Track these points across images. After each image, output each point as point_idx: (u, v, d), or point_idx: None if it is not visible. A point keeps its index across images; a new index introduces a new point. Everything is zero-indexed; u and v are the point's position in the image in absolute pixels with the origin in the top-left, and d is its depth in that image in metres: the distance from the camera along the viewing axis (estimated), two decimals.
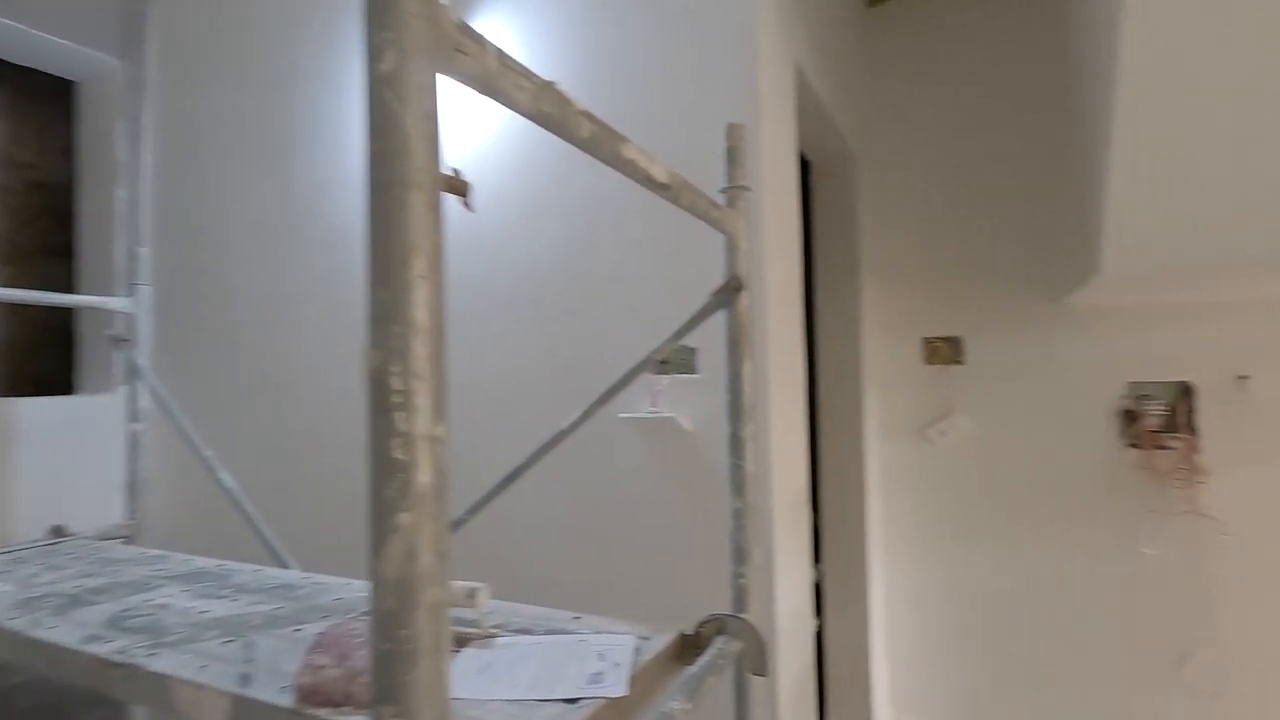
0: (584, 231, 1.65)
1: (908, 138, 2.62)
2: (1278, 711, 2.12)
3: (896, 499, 2.62)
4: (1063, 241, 2.32)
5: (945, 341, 2.57)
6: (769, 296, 1.46)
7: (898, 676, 2.61)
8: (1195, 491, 2.18)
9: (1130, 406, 2.29)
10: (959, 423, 2.52)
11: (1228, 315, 2.18)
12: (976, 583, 2.50)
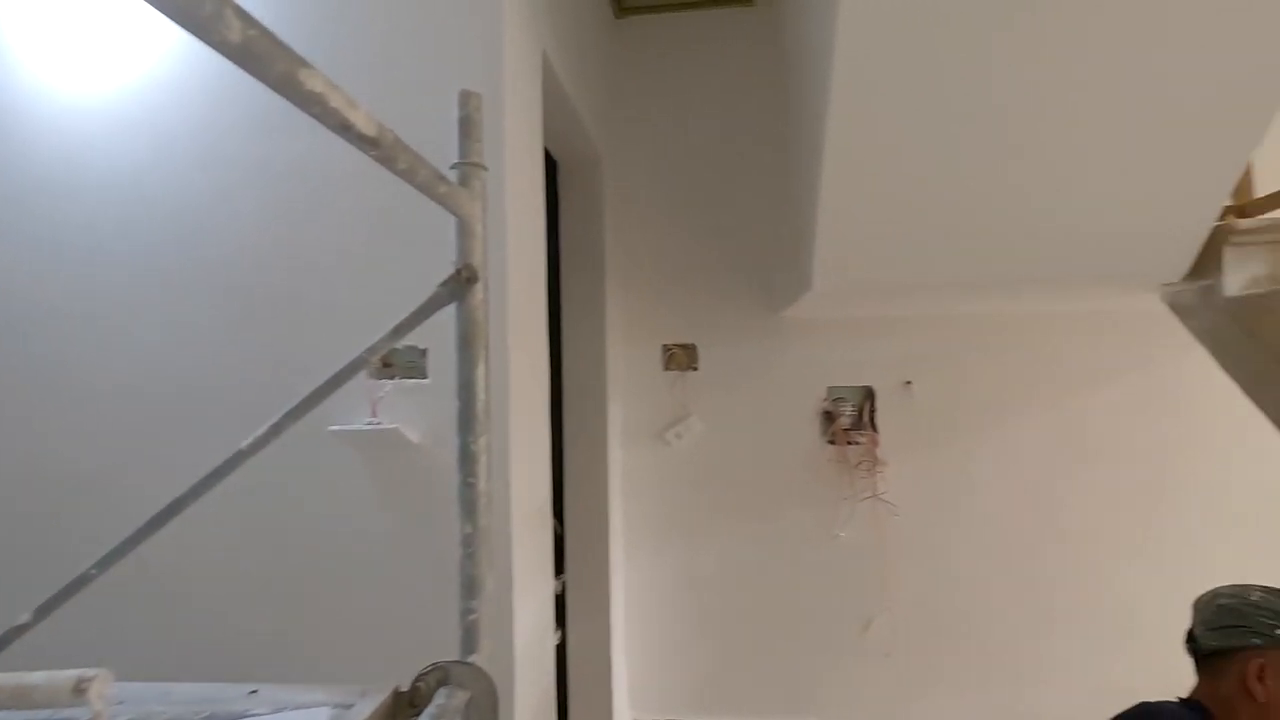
0: (290, 204, 1.37)
1: (651, 148, 2.71)
2: (937, 662, 2.56)
3: (637, 501, 2.68)
4: (782, 260, 2.56)
5: (682, 348, 2.69)
6: (511, 292, 1.34)
7: (635, 675, 2.66)
8: (875, 479, 2.55)
9: (829, 408, 2.61)
10: (693, 425, 2.66)
11: (898, 329, 2.60)
12: (703, 574, 2.65)
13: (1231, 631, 1.18)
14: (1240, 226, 1.68)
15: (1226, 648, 1.18)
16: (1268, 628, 1.15)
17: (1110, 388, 2.52)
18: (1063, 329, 2.53)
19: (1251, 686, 1.14)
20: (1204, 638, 1.21)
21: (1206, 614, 1.23)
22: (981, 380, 2.57)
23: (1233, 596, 1.22)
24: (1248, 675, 1.15)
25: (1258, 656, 1.15)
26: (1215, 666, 1.20)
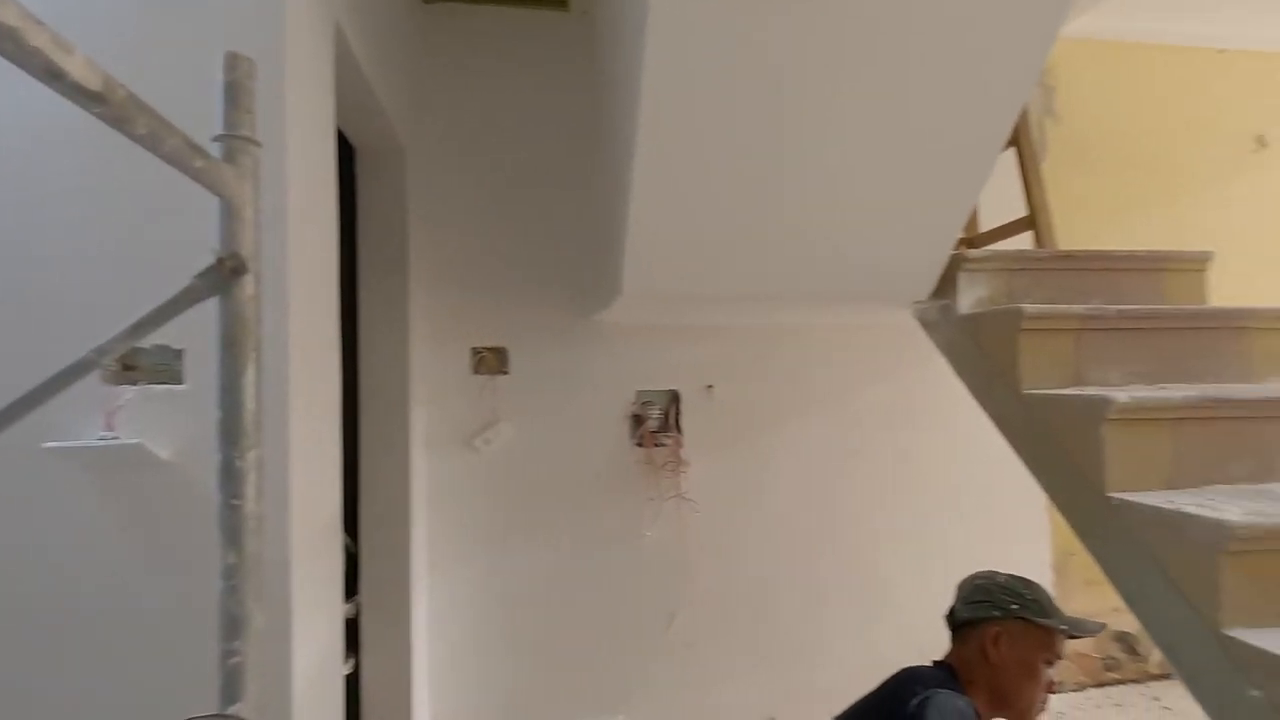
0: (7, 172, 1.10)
1: (461, 143, 2.60)
2: (733, 650, 2.74)
3: (442, 512, 2.55)
4: (594, 264, 2.59)
5: (492, 351, 2.61)
6: (293, 285, 1.19)
7: (439, 697, 2.52)
8: (679, 479, 2.67)
9: (638, 411, 2.69)
10: (503, 430, 2.59)
11: (702, 336, 2.75)
12: (512, 583, 2.59)
13: (979, 605, 1.42)
14: (970, 256, 2.00)
15: (975, 619, 1.42)
16: (1006, 604, 1.40)
17: (873, 391, 2.88)
18: (837, 339, 2.84)
19: (988, 650, 1.38)
20: (959, 610, 1.46)
21: (964, 592, 1.48)
22: (772, 385, 2.80)
23: (985, 579, 1.47)
24: (986, 641, 1.39)
25: (996, 626, 1.39)
26: (964, 634, 1.44)
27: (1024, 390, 1.68)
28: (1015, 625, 1.40)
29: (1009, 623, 1.40)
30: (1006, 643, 1.39)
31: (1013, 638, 1.39)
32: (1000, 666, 1.39)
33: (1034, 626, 1.40)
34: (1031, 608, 1.40)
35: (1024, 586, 1.44)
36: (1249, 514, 1.23)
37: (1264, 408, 1.52)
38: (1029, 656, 1.39)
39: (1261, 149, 3.38)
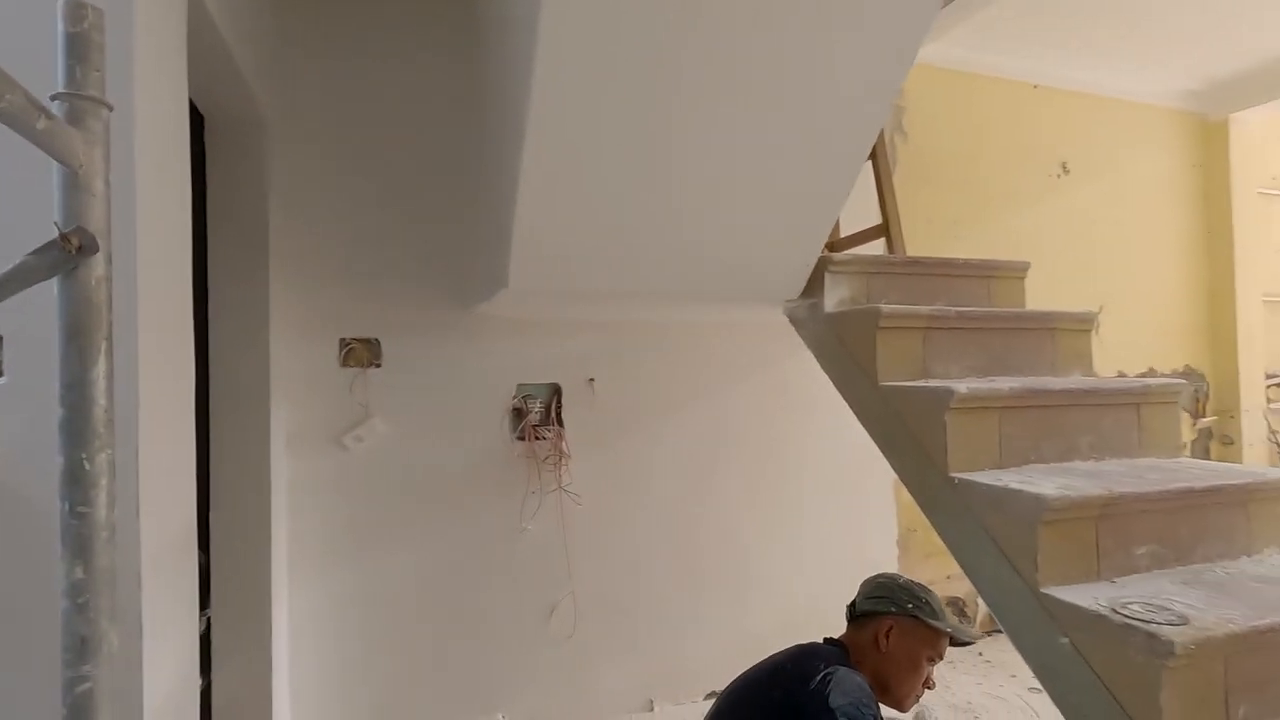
0: None
1: (330, 119, 2.43)
2: (612, 638, 2.78)
3: (307, 514, 2.38)
4: (475, 255, 2.52)
5: (363, 343, 2.47)
6: (143, 268, 1.07)
7: (305, 711, 2.36)
8: (561, 472, 2.68)
9: (519, 405, 2.65)
10: (375, 427, 2.46)
11: (584, 330, 2.76)
12: (384, 586, 2.48)
13: (879, 600, 1.60)
14: (835, 259, 2.17)
15: (873, 611, 1.59)
16: (903, 602, 1.57)
17: (746, 384, 3.04)
18: (714, 334, 2.97)
19: (880, 639, 1.56)
20: (860, 603, 1.63)
21: (867, 588, 1.66)
22: (652, 378, 2.87)
23: (888, 579, 1.66)
24: (880, 632, 1.56)
25: (890, 620, 1.56)
26: (861, 624, 1.61)
27: (881, 382, 1.85)
28: (908, 622, 1.57)
29: (903, 619, 1.57)
30: (897, 636, 1.56)
31: (903, 632, 1.56)
32: (888, 656, 1.55)
33: (924, 626, 1.57)
34: (925, 609, 1.59)
35: (920, 590, 1.62)
36: (1061, 488, 1.43)
37: (1068, 397, 1.78)
38: (915, 651, 1.57)
39: (1065, 175, 3.92)
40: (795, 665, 1.49)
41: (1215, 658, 1.21)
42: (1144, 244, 4.17)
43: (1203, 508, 1.55)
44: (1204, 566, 1.52)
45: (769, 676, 1.53)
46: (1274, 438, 4.44)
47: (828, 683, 1.39)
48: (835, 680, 1.40)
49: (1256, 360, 4.40)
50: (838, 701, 1.36)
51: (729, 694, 1.58)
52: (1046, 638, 1.36)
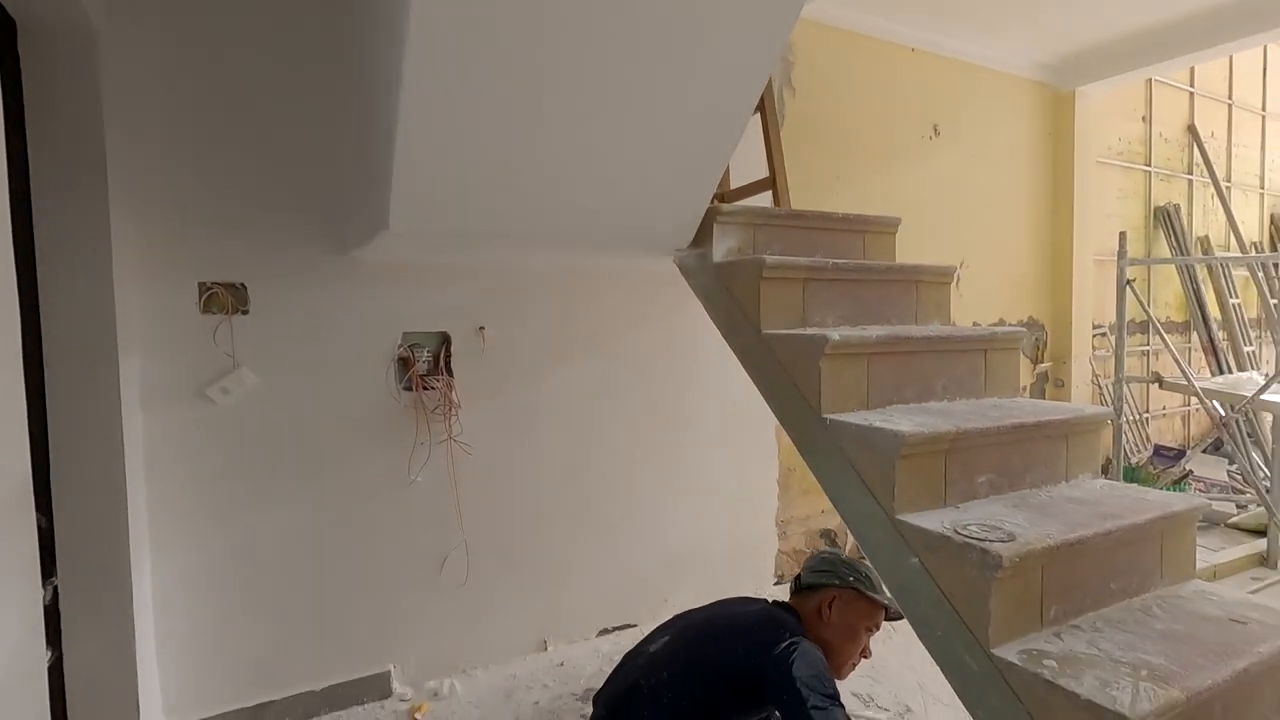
0: None
1: (183, 31, 2.16)
2: (504, 584, 2.81)
3: (172, 473, 2.21)
4: (351, 197, 2.36)
5: (226, 288, 2.28)
6: None
7: (177, 676, 2.24)
8: (450, 422, 2.63)
9: (405, 354, 2.56)
10: (244, 377, 2.30)
11: (472, 276, 2.68)
12: (263, 545, 2.37)
13: (823, 574, 1.76)
14: (723, 210, 2.22)
15: (817, 584, 1.74)
16: (845, 576, 1.74)
17: (636, 332, 3.08)
18: (605, 283, 2.97)
19: (824, 610, 1.71)
20: (806, 576, 1.79)
21: (812, 562, 1.82)
22: (544, 326, 2.85)
23: (831, 554, 1.83)
24: (824, 603, 1.72)
25: (834, 592, 1.72)
26: (806, 595, 1.75)
27: (764, 330, 1.94)
28: (849, 594, 1.72)
29: (845, 591, 1.72)
30: (839, 607, 1.71)
31: (845, 604, 1.71)
32: (830, 626, 1.70)
33: (864, 598, 1.72)
34: (865, 583, 1.74)
35: (861, 565, 1.77)
36: (917, 426, 1.58)
37: (927, 344, 1.95)
38: (855, 622, 1.72)
39: (936, 136, 4.18)
40: (760, 630, 1.59)
41: (1034, 568, 1.40)
42: (1001, 205, 4.55)
43: (1033, 440, 1.76)
44: (1030, 491, 1.74)
45: (732, 634, 1.61)
46: (1096, 381, 5.07)
47: (792, 652, 1.50)
48: (800, 651, 1.51)
49: (1086, 313, 4.98)
50: (801, 672, 1.46)
51: (686, 638, 1.65)
52: (900, 558, 1.52)
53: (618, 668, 1.73)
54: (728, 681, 1.54)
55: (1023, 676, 1.29)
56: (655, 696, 1.52)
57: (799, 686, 1.43)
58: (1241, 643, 1.39)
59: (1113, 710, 1.16)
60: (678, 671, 1.56)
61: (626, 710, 1.53)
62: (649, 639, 1.73)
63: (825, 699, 1.43)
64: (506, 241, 2.15)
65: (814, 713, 1.40)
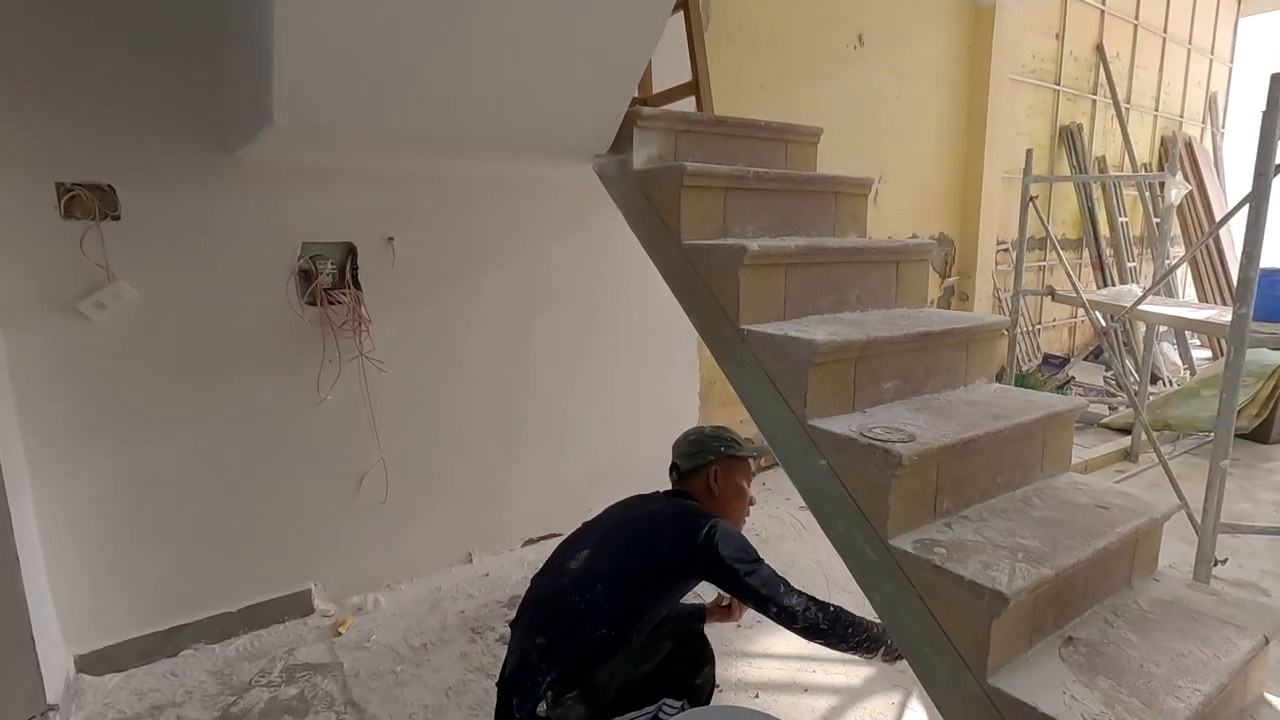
0: None
1: None
2: (427, 499, 2.79)
3: (46, 397, 2.03)
4: (230, 88, 2.11)
5: (90, 190, 2.03)
6: None
7: (76, 610, 2.14)
8: (361, 339, 2.51)
9: (306, 266, 2.39)
10: (122, 291, 2.09)
11: (376, 183, 2.49)
12: (162, 469, 2.24)
13: (699, 455, 1.83)
14: (643, 114, 2.12)
15: (698, 465, 1.82)
16: (717, 448, 1.82)
17: (557, 245, 2.99)
18: (525, 192, 2.84)
19: (712, 485, 1.80)
20: (683, 464, 1.85)
21: (683, 448, 1.87)
22: (459, 237, 2.72)
23: (696, 434, 1.89)
24: (709, 479, 1.80)
25: (714, 466, 1.80)
26: (690, 478, 1.83)
27: (684, 241, 1.91)
28: (725, 462, 1.82)
29: (721, 461, 1.81)
30: (722, 476, 1.81)
31: (725, 471, 1.82)
32: (721, 495, 1.80)
33: (736, 459, 1.83)
34: (733, 446, 1.85)
35: (723, 431, 1.88)
36: (830, 335, 1.61)
37: (844, 255, 1.97)
38: (736, 482, 1.84)
39: (860, 46, 4.12)
40: (676, 523, 1.65)
41: (930, 465, 1.49)
42: (919, 120, 4.60)
43: (936, 348, 1.84)
44: (931, 396, 1.84)
45: (651, 534, 1.65)
46: (997, 294, 5.37)
47: (714, 535, 1.59)
48: (720, 533, 1.61)
49: (993, 229, 5.20)
50: (726, 551, 1.58)
51: (608, 547, 1.67)
52: (809, 461, 1.59)
53: (537, 588, 1.73)
54: (659, 575, 1.63)
55: (915, 563, 1.40)
56: (594, 608, 1.57)
57: (729, 563, 1.57)
58: (1104, 525, 1.54)
59: (992, 589, 1.27)
60: (610, 580, 1.60)
61: (566, 628, 1.57)
62: (564, 554, 1.74)
63: (752, 564, 1.60)
64: (406, 142, 2.00)
65: (748, 579, 1.57)
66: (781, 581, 1.61)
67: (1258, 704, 1.54)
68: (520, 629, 1.67)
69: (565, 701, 1.53)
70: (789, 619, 1.58)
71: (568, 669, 1.53)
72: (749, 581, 1.57)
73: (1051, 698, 1.26)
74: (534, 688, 1.52)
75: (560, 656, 1.54)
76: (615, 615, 1.57)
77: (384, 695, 2.11)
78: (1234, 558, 2.89)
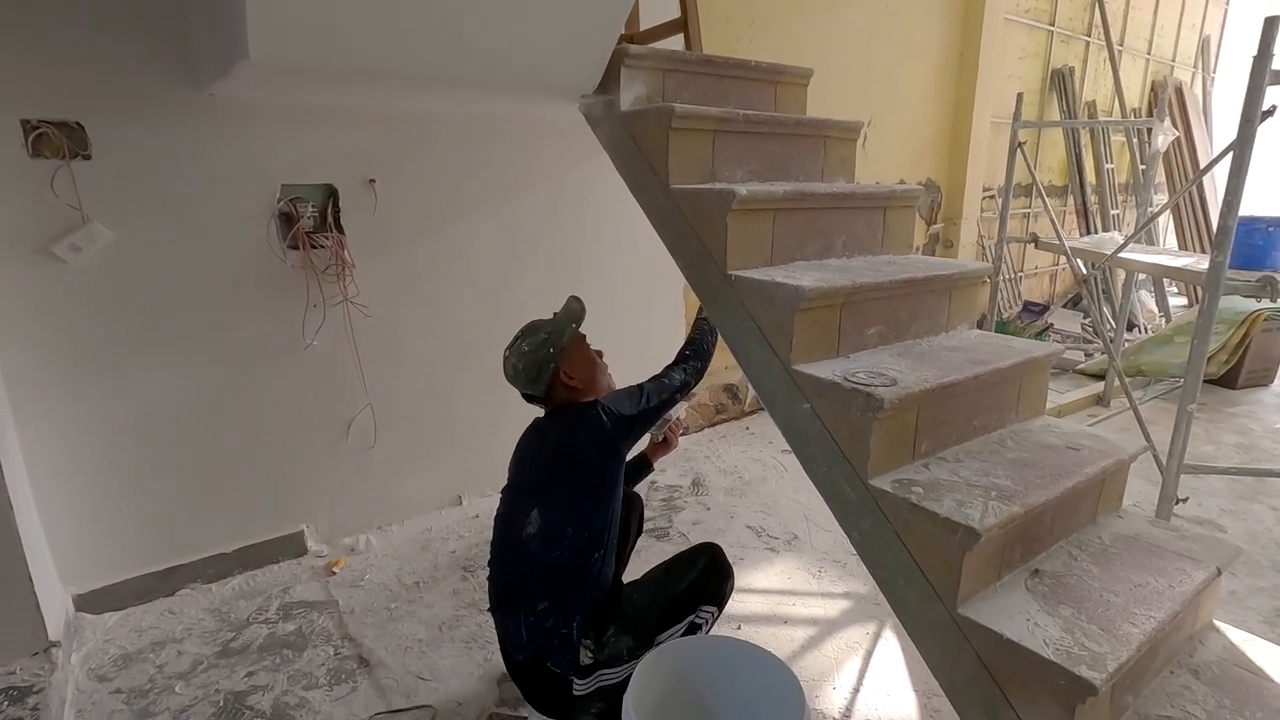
0: None
1: None
2: (415, 444, 2.82)
3: (25, 342, 2.00)
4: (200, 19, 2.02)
5: (59, 128, 1.96)
6: None
7: (71, 551, 2.17)
8: (345, 283, 2.48)
9: (287, 209, 2.34)
10: (97, 233, 2.05)
11: (356, 124, 2.43)
12: (148, 412, 2.24)
13: (537, 373, 1.77)
14: (631, 51, 2.06)
15: (543, 380, 1.78)
16: (546, 355, 1.77)
17: (541, 188, 2.94)
18: (508, 133, 2.78)
19: (566, 384, 1.78)
20: (534, 389, 1.80)
21: (520, 378, 1.80)
22: (443, 180, 2.67)
23: (518, 357, 1.80)
24: (560, 380, 1.78)
25: (558, 369, 1.77)
26: (548, 392, 1.80)
27: (672, 185, 1.89)
28: (562, 355, 1.79)
29: (558, 358, 1.78)
30: (568, 369, 1.79)
31: (568, 362, 1.79)
32: (581, 382, 1.81)
33: (571, 344, 1.81)
34: (560, 335, 1.80)
35: (534, 334, 1.81)
36: (816, 281, 1.62)
37: (831, 200, 1.97)
38: (582, 356, 1.84)
39: None
40: (581, 424, 1.70)
41: (911, 408, 1.53)
42: (912, 61, 4.51)
43: (919, 295, 1.86)
44: (914, 341, 1.87)
45: (570, 453, 1.69)
46: (981, 242, 5.39)
47: (607, 409, 1.68)
48: (609, 402, 1.70)
49: (980, 176, 5.17)
50: (625, 408, 1.70)
51: (545, 495, 1.70)
52: (793, 405, 1.62)
53: (508, 570, 1.72)
54: (603, 477, 1.68)
55: (893, 501, 1.45)
56: (576, 549, 1.62)
57: (637, 413, 1.70)
58: (1073, 465, 1.61)
59: (964, 525, 1.33)
60: (573, 517, 1.64)
61: (560, 581, 1.62)
62: (512, 526, 1.73)
63: (642, 395, 1.74)
64: (388, 80, 1.93)
65: (654, 408, 1.75)
66: (660, 381, 1.79)
67: (1206, 630, 1.64)
68: (510, 608, 1.67)
69: (607, 641, 1.61)
70: (683, 390, 1.83)
71: (586, 610, 1.60)
72: (654, 406, 1.73)
73: (1016, 624, 1.33)
74: (564, 645, 1.59)
75: (572, 606, 1.60)
76: (594, 537, 1.64)
77: (379, 630, 2.18)
78: (1195, 497, 3.03)
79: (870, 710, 1.87)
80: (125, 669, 2.00)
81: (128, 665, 2.02)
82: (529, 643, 1.63)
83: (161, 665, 2.02)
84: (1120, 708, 1.38)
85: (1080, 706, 1.23)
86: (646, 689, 1.43)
